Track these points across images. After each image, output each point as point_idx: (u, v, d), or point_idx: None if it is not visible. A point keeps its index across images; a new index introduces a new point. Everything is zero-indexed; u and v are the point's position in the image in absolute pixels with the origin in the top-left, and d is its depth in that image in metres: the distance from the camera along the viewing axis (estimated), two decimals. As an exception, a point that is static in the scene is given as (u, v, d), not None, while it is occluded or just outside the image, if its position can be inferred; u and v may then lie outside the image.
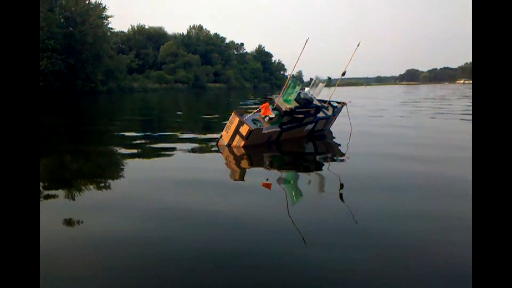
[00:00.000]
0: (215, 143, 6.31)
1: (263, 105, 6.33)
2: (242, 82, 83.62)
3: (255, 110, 6.46)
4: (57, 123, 11.60)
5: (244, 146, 6.00)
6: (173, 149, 6.24)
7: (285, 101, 6.72)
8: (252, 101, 23.60)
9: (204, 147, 6.46)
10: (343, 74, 8.26)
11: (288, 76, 6.96)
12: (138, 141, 7.28)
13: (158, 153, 6.04)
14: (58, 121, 12.54)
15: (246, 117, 6.21)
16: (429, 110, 13.96)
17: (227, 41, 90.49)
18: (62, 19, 40.81)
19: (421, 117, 11.57)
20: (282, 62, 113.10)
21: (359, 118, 10.46)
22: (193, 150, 6.14)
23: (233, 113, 6.08)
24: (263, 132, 6.19)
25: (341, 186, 3.93)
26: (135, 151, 6.23)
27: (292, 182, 4.25)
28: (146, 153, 6.12)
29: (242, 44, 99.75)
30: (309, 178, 4.40)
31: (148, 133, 8.80)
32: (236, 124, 6.00)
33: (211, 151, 5.98)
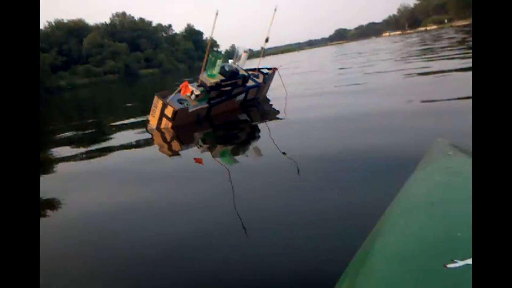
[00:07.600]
0: (145, 128, 6.18)
1: (182, 84, 6.20)
2: (175, 64, 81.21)
3: (176, 91, 6.28)
4: None
5: (172, 127, 5.91)
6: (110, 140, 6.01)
7: (209, 76, 6.64)
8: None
9: (137, 132, 6.22)
10: (266, 40, 8.38)
11: (207, 52, 6.76)
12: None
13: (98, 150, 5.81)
14: None
15: (170, 98, 6.08)
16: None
17: (153, 24, 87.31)
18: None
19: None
20: (214, 39, 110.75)
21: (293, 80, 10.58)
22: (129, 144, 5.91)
23: (155, 97, 5.93)
24: (189, 110, 6.11)
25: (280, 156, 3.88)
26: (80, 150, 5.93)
27: (226, 158, 4.08)
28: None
29: (170, 25, 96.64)
30: (245, 150, 4.25)
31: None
32: (161, 107, 5.88)
33: (144, 139, 5.68)
